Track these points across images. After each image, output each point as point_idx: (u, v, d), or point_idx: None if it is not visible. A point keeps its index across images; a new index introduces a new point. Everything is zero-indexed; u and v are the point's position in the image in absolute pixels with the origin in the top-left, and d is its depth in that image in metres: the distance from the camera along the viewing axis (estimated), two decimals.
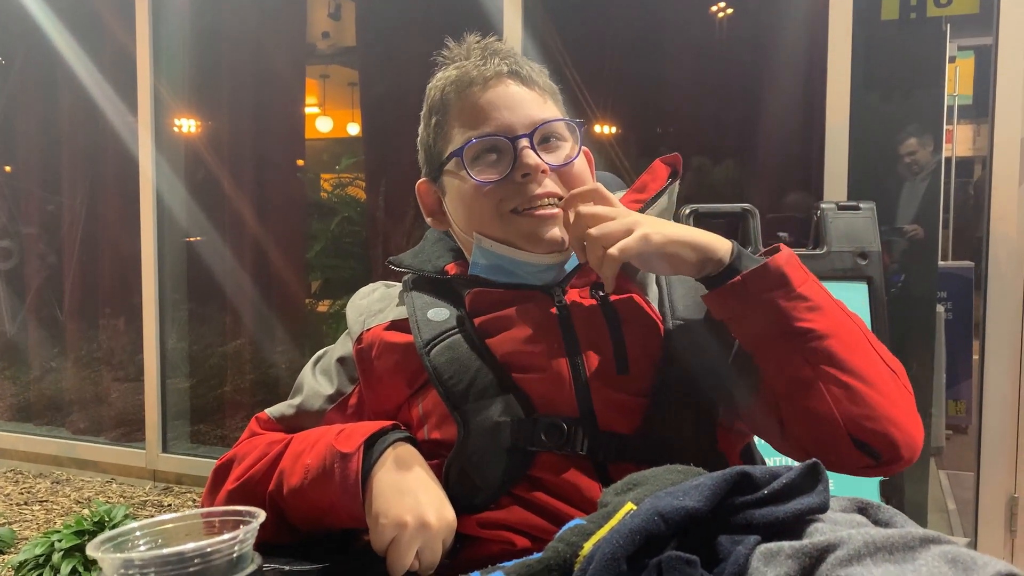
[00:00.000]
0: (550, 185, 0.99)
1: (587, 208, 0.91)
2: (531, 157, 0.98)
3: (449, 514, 0.89)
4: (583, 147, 1.07)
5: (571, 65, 2.77)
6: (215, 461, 1.04)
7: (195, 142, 3.58)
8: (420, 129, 1.10)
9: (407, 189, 1.08)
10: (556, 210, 0.99)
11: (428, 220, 1.12)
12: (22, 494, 3.39)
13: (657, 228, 0.88)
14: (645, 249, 0.86)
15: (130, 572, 0.53)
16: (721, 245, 0.89)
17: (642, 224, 0.88)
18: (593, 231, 0.89)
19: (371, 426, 0.93)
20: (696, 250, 0.88)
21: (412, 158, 1.13)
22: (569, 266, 1.03)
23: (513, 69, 1.03)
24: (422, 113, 1.10)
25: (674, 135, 2.90)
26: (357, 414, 1.03)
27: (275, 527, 0.95)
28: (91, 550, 0.54)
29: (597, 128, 2.86)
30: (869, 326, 1.68)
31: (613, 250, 0.86)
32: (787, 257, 0.88)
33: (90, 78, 3.62)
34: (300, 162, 3.63)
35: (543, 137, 1.01)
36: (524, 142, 0.98)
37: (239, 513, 0.59)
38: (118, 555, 0.54)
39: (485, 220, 1.01)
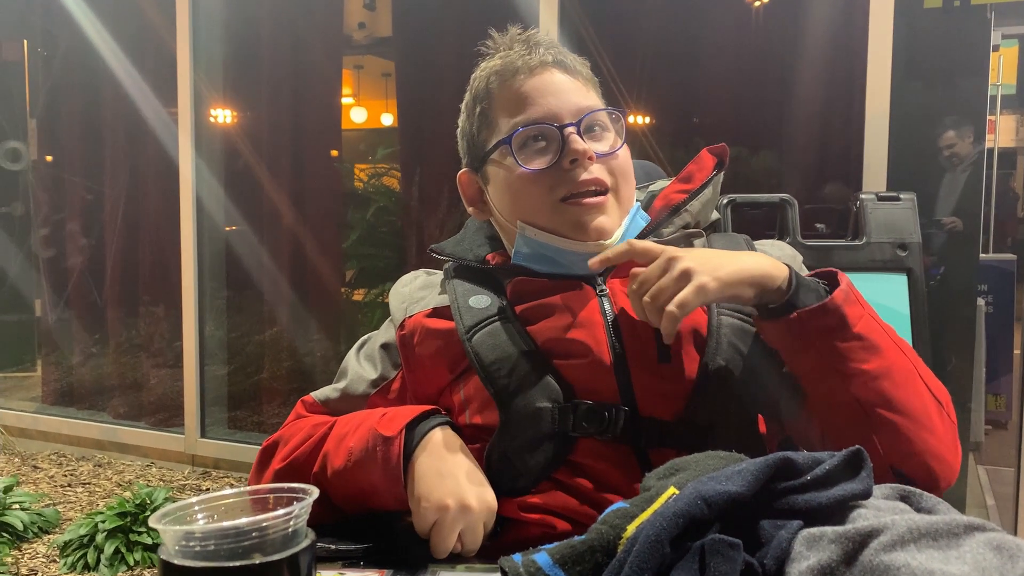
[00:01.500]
0: (597, 171, 1.00)
1: (638, 271, 0.89)
2: (579, 143, 0.98)
3: (490, 497, 0.90)
4: None
5: (606, 57, 2.76)
6: (252, 446, 1.06)
7: (232, 133, 3.62)
8: (461, 119, 1.11)
9: (441, 179, 1.10)
10: (603, 198, 1.00)
11: (469, 210, 1.13)
12: (66, 476, 3.47)
13: (712, 272, 0.85)
14: (704, 300, 0.85)
15: (190, 544, 0.55)
16: (778, 274, 0.88)
17: (695, 272, 0.85)
18: (647, 300, 0.87)
19: (413, 410, 0.95)
20: (754, 286, 0.87)
21: (447, 148, 1.14)
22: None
23: (557, 59, 1.04)
24: (464, 103, 1.11)
25: (710, 125, 2.88)
26: (400, 399, 1.05)
27: (320, 507, 0.97)
28: (153, 522, 0.56)
29: (632, 119, 2.85)
30: (908, 319, 1.67)
31: (672, 307, 0.84)
32: (845, 293, 0.87)
33: (130, 69, 3.69)
34: (335, 152, 3.66)
35: (588, 126, 1.02)
36: (571, 129, 0.99)
37: (293, 490, 0.61)
38: (179, 527, 0.56)
39: (534, 208, 1.01)
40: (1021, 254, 2.36)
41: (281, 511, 0.57)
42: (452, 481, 0.88)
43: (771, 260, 0.90)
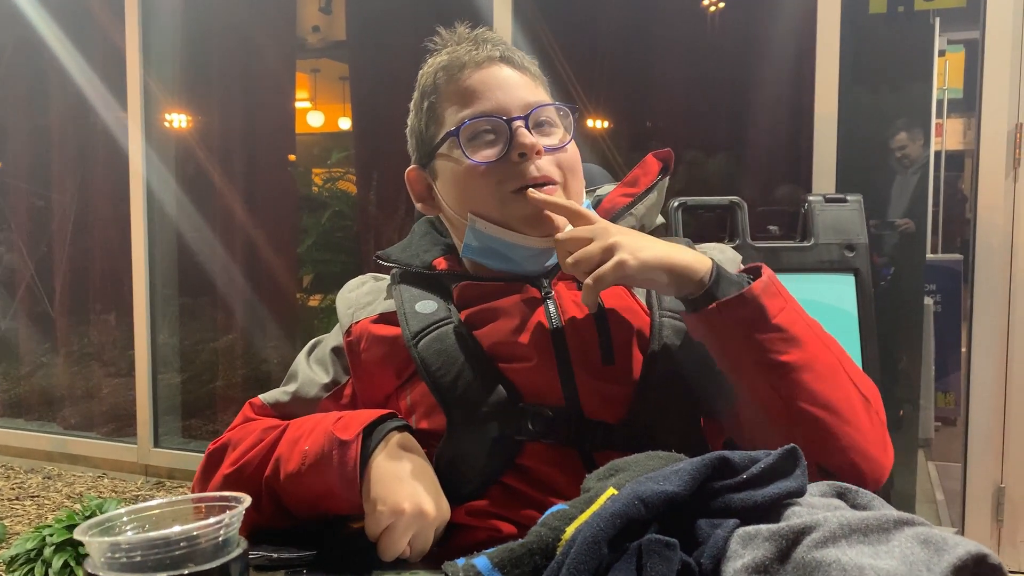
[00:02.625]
0: (546, 167, 1.00)
1: (564, 234, 0.92)
2: (527, 137, 0.98)
3: (444, 503, 0.90)
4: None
5: (562, 59, 2.77)
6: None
7: (185, 137, 3.57)
8: (410, 117, 1.11)
9: (398, 183, 1.09)
10: (552, 188, 1.00)
11: (418, 206, 1.12)
12: (13, 489, 3.39)
13: (634, 251, 0.87)
14: (621, 276, 0.86)
15: (117, 555, 0.54)
16: (700, 267, 0.88)
17: (620, 247, 0.87)
18: (570, 259, 0.89)
19: (370, 414, 0.94)
20: (672, 273, 0.88)
21: (403, 152, 1.14)
22: None
23: (505, 54, 1.04)
24: (413, 100, 1.10)
25: (664, 129, 2.91)
26: (352, 404, 1.04)
27: (271, 512, 0.96)
28: (79, 534, 0.55)
29: (588, 122, 2.86)
30: (856, 318, 1.70)
31: (589, 280, 0.86)
32: (765, 284, 0.88)
33: (80, 73, 3.62)
34: (291, 157, 3.63)
35: (537, 121, 1.02)
36: (519, 123, 0.99)
37: (225, 499, 0.60)
38: (105, 539, 0.55)
39: (483, 200, 1.01)
40: (968, 254, 2.41)
41: (211, 520, 0.56)
42: (409, 485, 0.88)
43: (697, 254, 0.90)
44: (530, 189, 0.97)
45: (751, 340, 0.86)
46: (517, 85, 1.03)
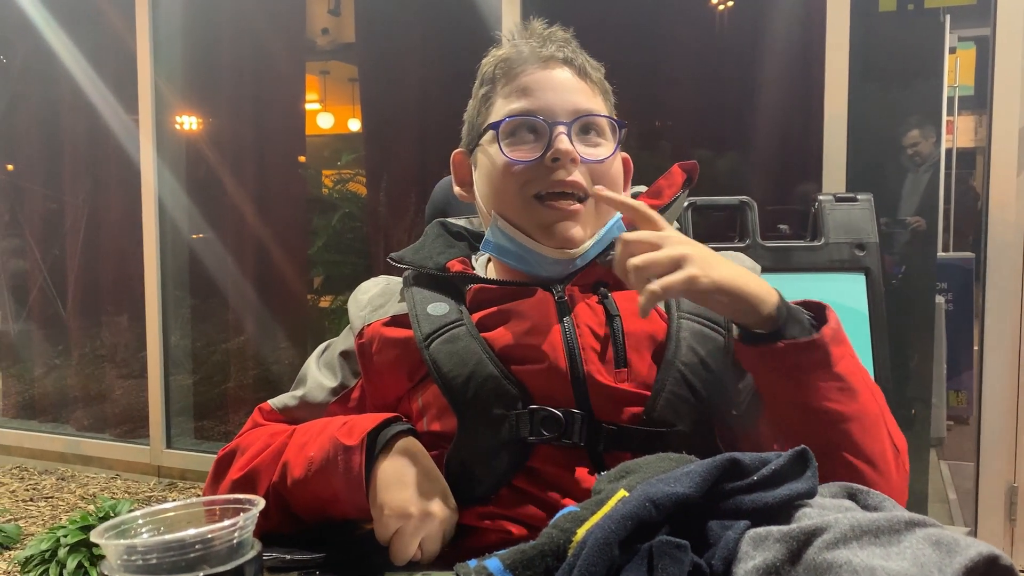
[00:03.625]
0: (578, 175, 0.98)
1: (631, 235, 0.88)
2: (564, 143, 0.97)
3: (451, 505, 0.90)
4: (624, 154, 1.07)
5: None
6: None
7: (196, 139, 3.59)
8: (469, 103, 1.10)
9: (408, 184, 1.09)
10: (578, 205, 0.99)
11: (456, 190, 1.12)
12: (28, 491, 3.41)
13: (706, 269, 0.82)
14: (688, 290, 0.82)
15: (132, 558, 0.55)
16: (769, 299, 0.85)
17: (691, 260, 0.83)
18: (636, 262, 0.83)
19: (374, 418, 0.94)
20: (743, 302, 0.85)
21: (413, 153, 1.14)
22: (581, 263, 1.02)
23: (568, 57, 1.03)
24: (473, 87, 1.10)
25: (673, 127, 2.90)
26: (359, 407, 1.04)
27: (279, 517, 0.96)
28: (95, 536, 0.56)
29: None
30: (867, 318, 1.70)
31: (655, 286, 0.81)
32: (834, 332, 0.86)
33: (91, 76, 3.64)
34: (301, 158, 3.64)
35: (583, 128, 1.01)
36: (561, 128, 0.98)
37: (239, 501, 0.61)
38: (121, 541, 0.56)
39: (506, 201, 1.01)
40: (980, 252, 2.40)
41: (226, 522, 0.57)
42: (414, 489, 0.88)
43: (765, 284, 0.87)
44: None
45: (809, 385, 0.85)
46: (572, 89, 1.01)
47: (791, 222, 2.46)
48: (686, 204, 1.83)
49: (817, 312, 0.89)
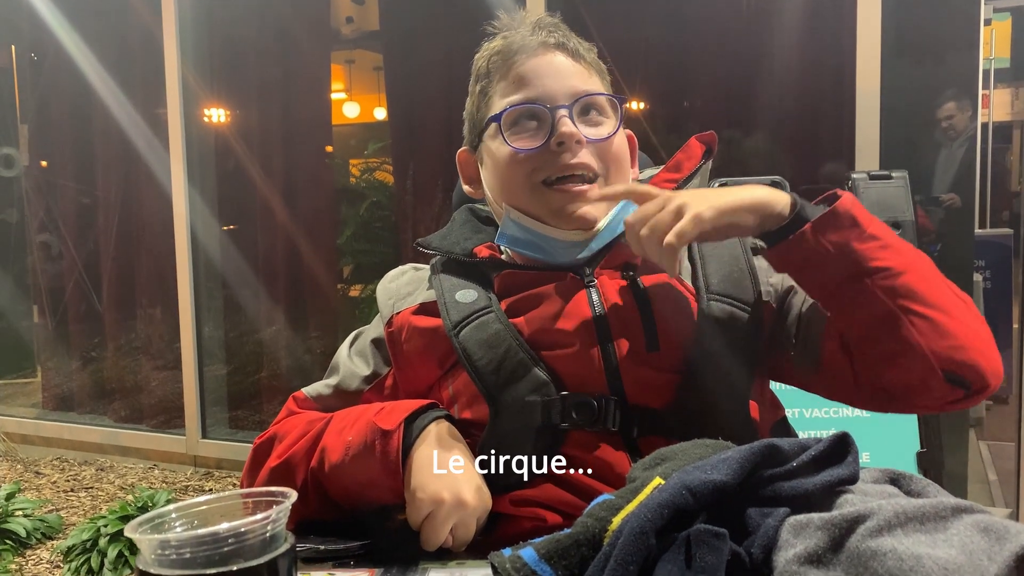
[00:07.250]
0: (585, 156, 0.98)
1: (632, 215, 0.89)
2: (568, 126, 0.97)
3: (485, 492, 0.89)
4: (627, 131, 1.06)
5: (598, 41, 2.74)
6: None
7: (223, 131, 3.61)
8: (467, 101, 1.10)
9: (434, 172, 1.09)
10: (587, 185, 0.99)
11: (466, 188, 1.12)
12: (68, 481, 3.47)
13: (706, 202, 0.84)
14: (700, 229, 0.83)
15: (166, 552, 0.55)
16: (779, 199, 0.86)
17: (689, 204, 0.84)
18: (644, 232, 0.86)
19: (411, 404, 0.94)
20: (753, 212, 0.85)
21: (438, 141, 1.14)
22: (597, 244, 1.01)
23: (560, 41, 1.03)
24: (469, 84, 1.10)
25: (703, 108, 2.87)
26: (393, 395, 1.04)
27: (317, 503, 0.97)
28: (129, 531, 0.56)
29: (626, 104, 2.83)
30: None
31: (671, 238, 0.82)
32: (852, 200, 0.86)
33: (120, 71, 3.67)
34: (328, 148, 3.65)
35: (584, 108, 1.01)
36: (563, 111, 0.98)
37: (271, 494, 0.60)
38: (155, 536, 0.56)
39: (516, 190, 1.01)
40: (1018, 228, 2.34)
41: (259, 515, 0.56)
42: (449, 475, 0.88)
43: (768, 188, 0.88)
44: (591, 191, 0.97)
45: (850, 253, 0.84)
46: (569, 73, 1.01)
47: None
48: (716, 184, 1.80)
49: (832, 198, 0.89)
